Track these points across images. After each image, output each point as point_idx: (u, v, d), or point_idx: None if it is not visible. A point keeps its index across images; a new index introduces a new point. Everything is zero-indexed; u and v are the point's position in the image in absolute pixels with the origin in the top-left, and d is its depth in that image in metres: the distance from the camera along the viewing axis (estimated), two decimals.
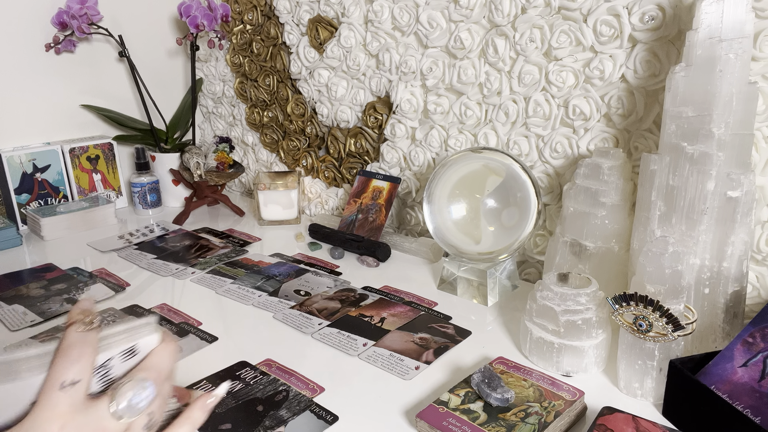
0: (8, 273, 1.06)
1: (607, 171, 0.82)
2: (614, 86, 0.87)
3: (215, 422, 0.64)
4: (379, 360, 0.76)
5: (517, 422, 0.60)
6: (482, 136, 1.03)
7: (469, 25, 0.99)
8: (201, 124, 1.63)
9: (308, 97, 1.31)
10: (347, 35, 1.17)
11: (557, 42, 0.89)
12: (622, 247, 0.83)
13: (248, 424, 0.64)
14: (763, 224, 0.77)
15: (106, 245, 1.19)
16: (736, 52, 0.67)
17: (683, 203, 0.71)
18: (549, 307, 0.72)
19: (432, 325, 0.85)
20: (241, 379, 0.72)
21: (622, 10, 0.82)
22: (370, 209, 1.16)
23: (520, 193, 0.90)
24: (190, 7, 1.30)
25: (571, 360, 0.71)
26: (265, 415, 0.65)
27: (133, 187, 1.38)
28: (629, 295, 0.65)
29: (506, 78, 0.98)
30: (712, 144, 0.69)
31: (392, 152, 1.18)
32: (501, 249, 0.91)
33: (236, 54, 1.44)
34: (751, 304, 0.79)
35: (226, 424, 0.64)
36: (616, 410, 0.60)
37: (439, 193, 0.95)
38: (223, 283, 1.01)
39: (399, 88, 1.13)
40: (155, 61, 1.51)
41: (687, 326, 0.64)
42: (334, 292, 0.96)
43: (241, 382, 0.72)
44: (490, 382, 0.64)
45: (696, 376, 0.62)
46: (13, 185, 1.26)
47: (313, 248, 1.16)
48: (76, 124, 1.41)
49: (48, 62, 1.33)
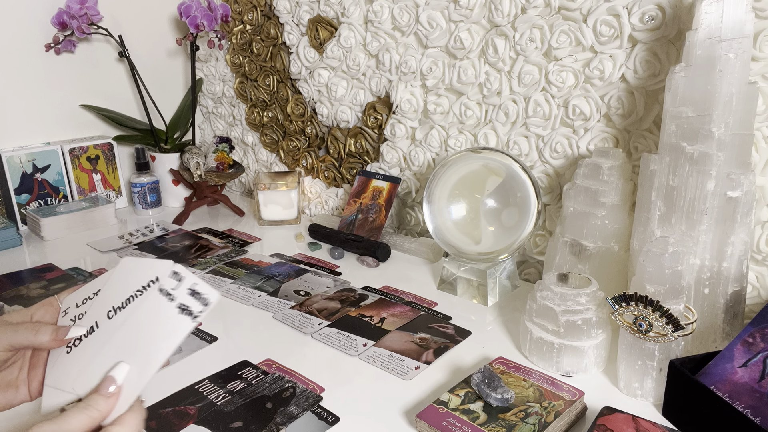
0: (8, 273, 1.06)
1: (607, 171, 0.82)
2: (614, 86, 0.87)
3: (226, 421, 0.64)
4: (379, 360, 0.76)
5: (517, 422, 0.60)
6: (482, 136, 1.03)
7: (469, 25, 0.99)
8: (201, 124, 1.63)
9: (308, 97, 1.31)
10: (347, 35, 1.17)
11: (557, 42, 0.89)
12: (622, 247, 0.83)
13: (259, 421, 0.64)
14: (763, 224, 0.77)
15: (106, 245, 1.19)
16: (736, 52, 0.67)
17: (683, 203, 0.71)
18: (549, 307, 0.72)
19: (432, 325, 0.85)
20: (243, 378, 0.73)
21: (622, 10, 0.82)
22: (370, 209, 1.16)
23: (520, 193, 0.90)
24: (190, 7, 1.30)
25: (571, 360, 0.71)
26: (276, 412, 0.66)
27: (133, 187, 1.38)
28: (629, 295, 0.65)
29: (506, 78, 0.98)
30: (712, 144, 0.69)
31: (392, 152, 1.18)
32: (501, 249, 0.91)
33: (236, 54, 1.44)
34: (751, 304, 0.79)
35: (237, 422, 0.64)
36: (616, 410, 0.60)
37: (439, 193, 0.95)
38: (223, 283, 1.01)
39: (399, 88, 1.13)
40: (155, 61, 1.51)
41: (687, 326, 0.64)
42: (334, 292, 0.96)
43: (243, 381, 0.72)
44: (490, 382, 0.64)
45: (696, 376, 0.62)
46: (13, 185, 1.26)
47: (313, 248, 1.16)
48: (76, 124, 1.41)
49: (48, 62, 1.33)
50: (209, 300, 0.48)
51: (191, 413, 0.66)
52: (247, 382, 0.72)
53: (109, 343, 0.50)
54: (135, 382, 0.47)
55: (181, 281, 0.49)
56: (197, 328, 0.86)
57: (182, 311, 0.48)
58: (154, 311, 0.49)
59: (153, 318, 0.49)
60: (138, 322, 0.49)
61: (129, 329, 0.49)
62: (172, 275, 0.49)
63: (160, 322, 0.49)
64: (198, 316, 0.48)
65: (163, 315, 0.48)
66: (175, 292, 0.48)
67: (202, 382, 0.72)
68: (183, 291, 0.48)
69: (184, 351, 0.79)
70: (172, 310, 0.48)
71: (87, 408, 0.44)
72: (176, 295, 0.48)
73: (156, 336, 0.48)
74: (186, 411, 0.66)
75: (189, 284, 0.48)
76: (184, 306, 0.48)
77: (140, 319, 0.49)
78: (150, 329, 0.49)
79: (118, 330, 0.50)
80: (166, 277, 0.49)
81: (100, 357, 0.50)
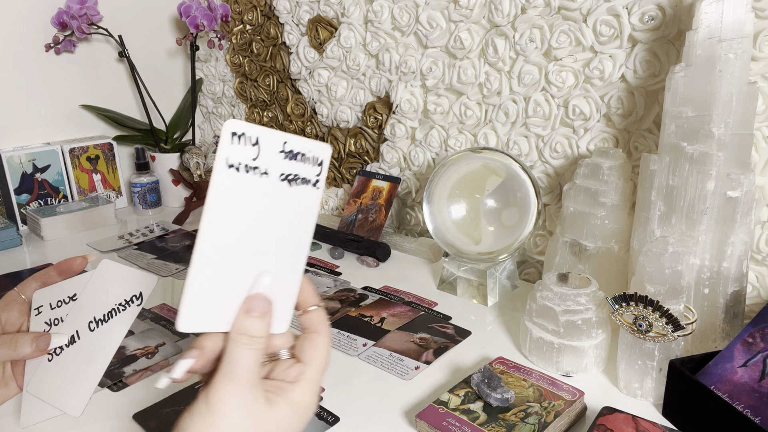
0: (8, 273, 1.06)
1: (606, 171, 0.82)
2: (614, 86, 0.87)
3: None
4: (379, 360, 0.76)
5: (516, 422, 0.60)
6: (482, 136, 1.03)
7: (469, 25, 0.99)
8: (201, 124, 1.63)
9: (308, 97, 1.31)
10: (347, 35, 1.17)
11: (557, 42, 0.89)
12: (621, 247, 0.83)
13: None
14: (762, 224, 0.77)
15: (106, 245, 1.19)
16: (736, 52, 0.67)
17: (683, 203, 0.71)
18: (549, 307, 0.72)
19: (432, 325, 0.85)
20: None
21: (621, 10, 0.82)
22: (369, 209, 1.16)
23: (520, 193, 0.90)
24: (190, 7, 1.30)
25: (570, 360, 0.71)
26: None
27: (133, 187, 1.38)
28: (629, 295, 0.65)
29: (506, 78, 0.98)
30: (711, 144, 0.69)
31: (392, 152, 1.18)
32: (501, 249, 0.91)
33: (236, 54, 1.44)
34: (750, 304, 0.79)
35: None
36: (616, 410, 0.60)
37: (439, 193, 0.95)
38: None
39: (399, 88, 1.12)
40: (155, 61, 1.51)
41: (687, 326, 0.64)
42: (333, 292, 0.96)
43: None
44: (489, 382, 0.64)
45: (696, 376, 0.62)
46: (13, 185, 1.26)
47: (312, 248, 1.16)
48: (76, 124, 1.41)
49: (48, 62, 1.33)
50: (318, 155, 0.37)
51: None
52: None
53: (95, 360, 0.48)
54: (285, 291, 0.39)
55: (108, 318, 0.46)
56: None
57: (118, 312, 0.47)
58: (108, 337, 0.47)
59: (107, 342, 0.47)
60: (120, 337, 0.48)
61: (113, 345, 0.48)
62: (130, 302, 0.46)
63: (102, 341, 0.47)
64: (317, 180, 0.38)
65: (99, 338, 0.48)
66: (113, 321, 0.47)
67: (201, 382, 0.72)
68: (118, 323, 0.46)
69: (184, 351, 0.79)
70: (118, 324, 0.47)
71: (239, 337, 0.38)
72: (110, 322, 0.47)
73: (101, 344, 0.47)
74: None
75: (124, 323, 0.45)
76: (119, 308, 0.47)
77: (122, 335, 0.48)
78: None
79: (105, 344, 0.48)
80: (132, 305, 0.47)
81: (83, 371, 0.48)
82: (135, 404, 0.68)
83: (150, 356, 0.78)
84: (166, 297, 0.96)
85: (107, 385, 0.72)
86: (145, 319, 0.88)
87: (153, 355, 0.78)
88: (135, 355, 0.78)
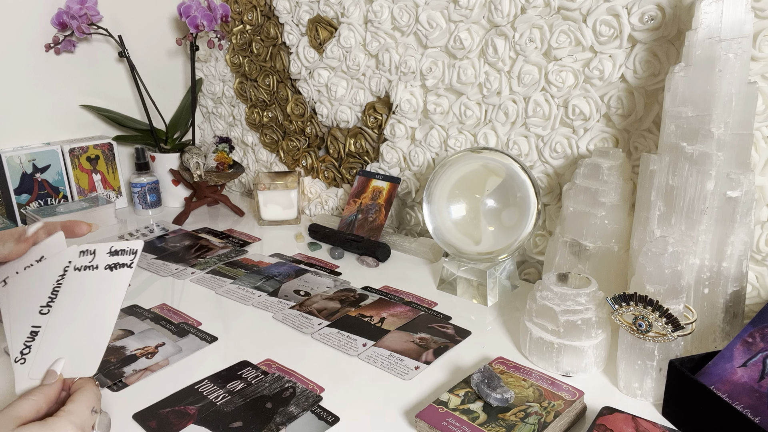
0: None
1: (606, 171, 0.82)
2: (614, 86, 0.87)
3: (226, 421, 0.64)
4: (379, 360, 0.76)
5: (516, 422, 0.60)
6: (482, 136, 1.03)
7: (469, 25, 0.99)
8: (201, 124, 1.63)
9: (308, 97, 1.31)
10: (347, 35, 1.17)
11: (557, 42, 0.89)
12: (621, 247, 0.83)
13: (259, 422, 0.64)
14: (762, 224, 0.77)
15: None
16: (736, 52, 0.67)
17: (683, 203, 0.71)
18: (549, 307, 0.72)
19: (432, 325, 0.85)
20: (243, 378, 0.73)
21: (621, 10, 0.82)
22: (369, 209, 1.16)
23: (520, 193, 0.90)
24: (190, 7, 1.30)
25: (570, 360, 0.71)
26: (275, 412, 0.66)
27: (133, 188, 1.38)
28: (629, 295, 0.65)
29: (506, 78, 0.98)
30: (711, 144, 0.69)
31: (392, 152, 1.18)
32: (501, 249, 0.91)
33: (236, 54, 1.44)
34: (750, 304, 0.79)
35: (237, 422, 0.64)
36: (616, 410, 0.60)
37: (439, 193, 0.95)
38: (223, 284, 1.01)
39: (399, 88, 1.13)
40: (155, 61, 1.51)
41: (687, 326, 0.64)
42: (333, 293, 0.96)
43: (243, 381, 0.72)
44: (489, 382, 0.64)
45: (696, 376, 0.62)
46: (12, 185, 1.26)
47: (312, 248, 1.16)
48: (76, 124, 1.41)
49: (48, 62, 1.33)
50: (134, 248, 0.52)
51: (191, 413, 0.66)
52: (246, 382, 0.72)
53: (56, 335, 0.52)
54: (90, 352, 0.51)
55: (95, 253, 0.52)
56: (197, 328, 0.86)
57: (113, 268, 0.50)
58: (82, 288, 0.51)
59: (84, 292, 0.51)
60: (73, 304, 0.52)
61: (67, 315, 0.52)
62: (81, 255, 0.52)
63: (94, 290, 0.51)
64: (133, 263, 0.51)
65: (95, 283, 0.51)
66: (94, 262, 0.52)
67: (201, 382, 0.72)
68: (102, 258, 0.52)
69: (183, 351, 0.79)
70: (100, 274, 0.51)
71: (33, 393, 0.50)
72: (97, 263, 0.51)
73: (96, 304, 0.51)
74: (186, 411, 0.66)
75: (105, 250, 0.52)
76: (112, 265, 0.51)
77: (74, 300, 0.52)
78: (87, 301, 0.51)
79: (58, 322, 0.52)
80: (77, 258, 0.52)
81: (88, 333, 0.52)
82: (135, 404, 0.68)
83: (150, 356, 0.78)
84: (166, 297, 0.96)
85: (107, 385, 0.72)
86: (145, 319, 0.88)
87: (153, 355, 0.78)
88: (135, 355, 0.78)
